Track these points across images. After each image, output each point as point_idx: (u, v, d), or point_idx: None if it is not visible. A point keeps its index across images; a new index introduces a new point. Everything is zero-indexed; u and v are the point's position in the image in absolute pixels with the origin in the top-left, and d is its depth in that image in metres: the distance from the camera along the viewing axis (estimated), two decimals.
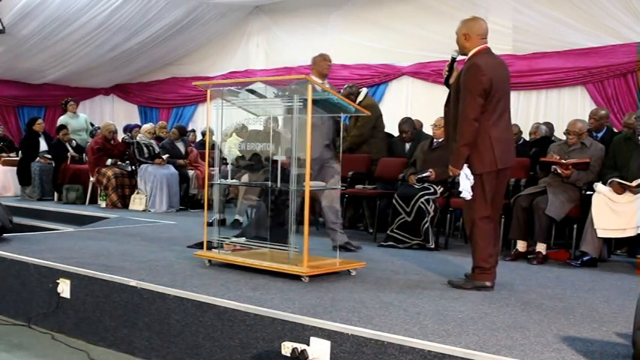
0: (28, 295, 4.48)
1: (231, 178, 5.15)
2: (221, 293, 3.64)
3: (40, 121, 10.56)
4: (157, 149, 9.02)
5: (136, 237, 6.02)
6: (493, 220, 4.09)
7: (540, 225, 5.22)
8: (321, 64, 5.54)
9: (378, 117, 7.26)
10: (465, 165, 3.94)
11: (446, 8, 10.04)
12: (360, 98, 7.20)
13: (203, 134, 11.62)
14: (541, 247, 5.25)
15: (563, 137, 5.87)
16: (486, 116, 3.91)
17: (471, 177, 3.93)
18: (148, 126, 9.44)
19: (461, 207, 4.16)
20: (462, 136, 3.90)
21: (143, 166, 8.76)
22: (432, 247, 5.77)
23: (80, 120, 11.06)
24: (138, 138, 9.16)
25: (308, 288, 3.89)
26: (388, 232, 5.95)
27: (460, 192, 4.00)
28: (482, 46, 4.02)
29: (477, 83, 3.86)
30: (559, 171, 5.41)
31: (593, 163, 5.37)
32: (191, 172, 9.15)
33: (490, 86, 3.88)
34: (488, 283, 4.03)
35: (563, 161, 5.40)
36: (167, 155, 8.93)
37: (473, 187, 3.95)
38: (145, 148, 8.86)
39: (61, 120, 10.77)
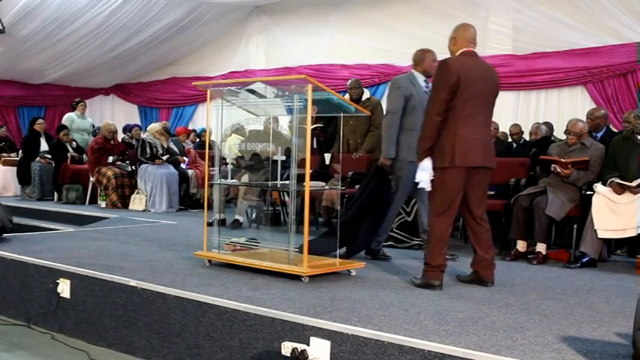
0: (28, 295, 4.47)
1: (231, 178, 5.15)
2: (221, 293, 3.64)
3: (40, 120, 10.56)
4: (161, 150, 8.95)
5: (136, 237, 6.01)
6: (450, 219, 4.02)
7: (540, 225, 5.22)
8: (430, 64, 5.08)
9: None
10: (428, 157, 3.97)
11: (446, 8, 10.02)
12: (366, 96, 7.32)
13: (199, 135, 11.55)
14: (541, 247, 5.25)
15: (563, 137, 5.87)
16: (454, 113, 3.92)
17: (429, 169, 3.96)
18: (156, 126, 9.33)
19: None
20: (423, 129, 4.01)
21: (143, 166, 8.75)
22: None
23: (86, 122, 11.05)
24: (144, 136, 9.11)
25: (308, 288, 3.89)
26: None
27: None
28: (467, 48, 4.06)
29: (442, 79, 3.94)
30: (559, 170, 5.41)
31: (593, 163, 5.37)
32: (190, 172, 9.15)
33: (457, 83, 3.88)
34: (435, 282, 3.98)
35: (562, 160, 5.40)
36: (167, 156, 8.92)
37: (433, 181, 3.97)
38: (148, 148, 8.83)
39: (67, 116, 10.77)
